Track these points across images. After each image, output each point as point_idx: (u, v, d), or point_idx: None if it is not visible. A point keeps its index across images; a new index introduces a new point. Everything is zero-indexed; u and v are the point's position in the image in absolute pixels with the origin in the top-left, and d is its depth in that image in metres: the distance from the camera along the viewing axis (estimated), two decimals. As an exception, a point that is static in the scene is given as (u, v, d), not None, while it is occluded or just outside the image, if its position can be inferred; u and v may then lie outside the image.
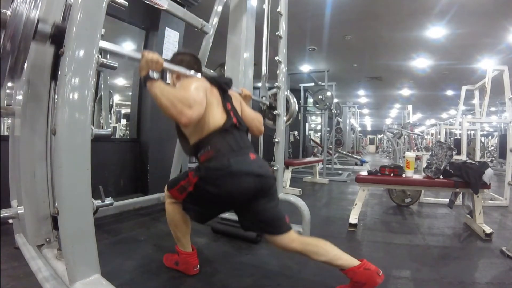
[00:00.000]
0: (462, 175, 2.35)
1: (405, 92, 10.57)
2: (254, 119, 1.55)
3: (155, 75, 1.17)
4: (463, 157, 3.61)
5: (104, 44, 1.04)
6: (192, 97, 1.16)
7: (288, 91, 2.85)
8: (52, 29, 0.95)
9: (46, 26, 0.94)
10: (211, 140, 1.29)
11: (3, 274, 1.44)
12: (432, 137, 11.91)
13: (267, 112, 2.55)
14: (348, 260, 1.33)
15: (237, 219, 1.41)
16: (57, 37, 0.95)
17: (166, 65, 1.23)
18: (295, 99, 2.92)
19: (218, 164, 1.25)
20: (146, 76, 1.16)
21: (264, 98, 2.43)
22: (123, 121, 7.78)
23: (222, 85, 1.40)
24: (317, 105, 5.74)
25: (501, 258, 1.85)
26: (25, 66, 1.07)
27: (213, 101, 1.32)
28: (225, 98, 1.40)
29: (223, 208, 1.47)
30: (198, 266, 1.56)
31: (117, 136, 6.44)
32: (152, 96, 1.15)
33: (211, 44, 2.72)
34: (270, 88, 2.54)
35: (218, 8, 2.68)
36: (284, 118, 2.41)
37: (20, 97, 1.26)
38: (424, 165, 2.77)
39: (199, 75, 1.43)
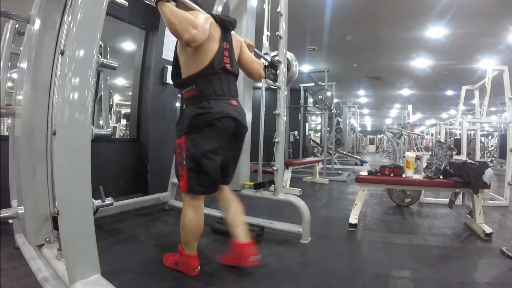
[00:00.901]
0: (462, 175, 2.35)
1: (405, 92, 10.57)
2: (254, 61, 1.61)
3: None
4: (463, 157, 3.60)
5: None
6: (198, 21, 1.25)
7: (292, 55, 2.83)
8: None
9: None
10: (198, 79, 1.36)
11: (3, 274, 1.44)
12: (432, 137, 11.91)
13: (269, 73, 2.53)
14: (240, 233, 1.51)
15: None
16: None
17: None
18: (297, 62, 2.91)
19: (199, 109, 1.35)
20: None
21: (266, 55, 2.40)
22: (123, 121, 7.78)
23: (226, 24, 1.46)
24: (317, 105, 5.74)
25: (501, 258, 1.85)
26: (25, 65, 1.06)
27: (214, 36, 1.39)
28: (226, 37, 1.45)
29: (216, 153, 1.43)
30: (199, 267, 1.56)
31: (117, 136, 6.44)
32: (161, 14, 1.22)
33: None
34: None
35: (218, 8, 2.68)
36: (284, 118, 2.40)
37: (20, 97, 1.26)
38: (424, 165, 2.77)
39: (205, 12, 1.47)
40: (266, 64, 2.42)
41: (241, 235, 1.54)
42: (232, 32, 1.56)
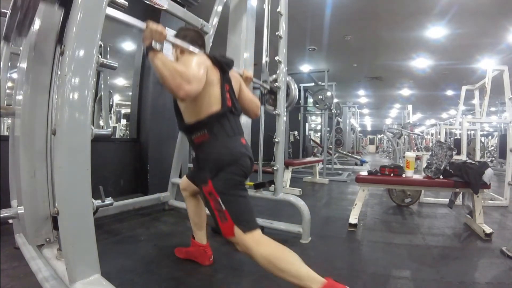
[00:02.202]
0: (462, 175, 2.35)
1: (405, 92, 10.58)
2: (252, 101, 1.58)
3: (157, 46, 1.17)
4: (463, 157, 3.60)
5: (110, 11, 1.02)
6: (192, 72, 1.17)
7: (290, 77, 2.83)
8: None
9: None
10: (208, 124, 1.31)
11: (3, 274, 1.44)
12: (432, 137, 11.91)
13: (268, 97, 2.54)
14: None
15: None
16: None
17: (169, 37, 1.24)
18: (296, 85, 2.90)
19: (217, 149, 1.30)
20: (149, 46, 1.16)
21: (265, 82, 2.42)
22: (123, 121, 7.78)
23: (223, 65, 1.40)
24: (317, 105, 5.74)
25: (501, 258, 1.84)
26: (26, 57, 1.06)
27: (213, 80, 1.33)
28: (225, 78, 1.40)
29: (245, 187, 1.39)
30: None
31: (117, 136, 6.44)
32: (153, 67, 1.16)
33: (211, 44, 2.73)
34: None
35: (218, 8, 2.68)
36: (284, 118, 2.41)
37: (20, 97, 1.26)
38: (424, 165, 2.77)
39: (202, 51, 1.43)
40: (265, 92, 2.44)
41: (204, 237, 1.71)
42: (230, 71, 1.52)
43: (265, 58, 2.44)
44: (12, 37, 0.97)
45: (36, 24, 1.19)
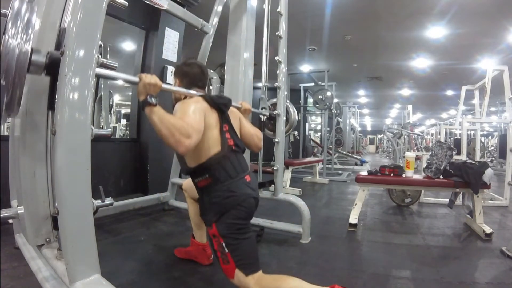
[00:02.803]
0: (462, 175, 2.35)
1: (405, 92, 10.57)
2: (253, 135, 1.55)
3: (153, 100, 1.15)
4: (463, 157, 3.60)
5: (100, 71, 1.02)
6: (190, 125, 1.15)
7: (288, 101, 2.83)
8: (47, 59, 0.93)
9: (40, 56, 0.92)
10: (209, 167, 1.29)
11: (3, 274, 1.44)
12: (432, 137, 11.91)
13: (267, 123, 2.54)
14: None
15: None
16: (52, 67, 0.93)
17: (164, 87, 1.23)
18: (295, 109, 2.92)
19: (222, 193, 1.28)
20: (144, 101, 1.14)
21: (264, 109, 2.42)
22: (123, 121, 7.78)
23: (221, 106, 1.38)
24: (317, 105, 5.75)
25: (501, 258, 1.85)
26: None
27: (211, 123, 1.31)
28: (224, 118, 1.39)
29: (249, 230, 1.38)
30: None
31: (117, 136, 6.44)
32: (150, 122, 1.13)
33: (211, 44, 2.73)
34: (269, 100, 2.53)
35: (218, 8, 2.68)
36: (284, 118, 2.41)
37: (20, 97, 1.26)
38: (424, 165, 2.77)
39: (200, 92, 1.41)
40: (264, 119, 2.44)
41: (204, 236, 1.70)
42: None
43: (263, 83, 2.43)
44: (2, 120, 0.95)
45: (36, 24, 1.19)
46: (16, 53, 0.85)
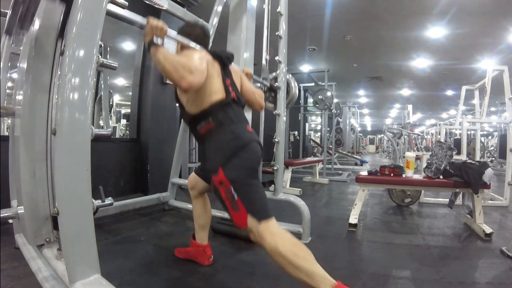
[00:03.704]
0: (462, 175, 2.35)
1: (405, 92, 10.57)
2: (255, 92, 1.59)
3: (159, 41, 1.18)
4: (463, 157, 3.60)
5: (111, 7, 1.01)
6: (194, 64, 1.18)
7: (290, 75, 2.83)
8: None
9: None
10: (212, 112, 1.30)
11: (3, 274, 1.44)
12: (432, 137, 11.91)
13: (268, 95, 2.54)
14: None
15: None
16: None
17: (170, 33, 1.24)
18: (295, 83, 2.90)
19: (226, 136, 1.27)
20: (150, 42, 1.17)
21: (265, 79, 2.41)
22: (123, 121, 7.78)
23: (223, 59, 1.42)
24: (317, 105, 5.74)
25: (501, 258, 1.85)
26: (26, 57, 1.06)
27: (213, 74, 1.34)
28: (226, 72, 1.42)
29: (258, 174, 1.34)
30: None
31: (117, 136, 6.43)
32: (155, 61, 1.16)
33: (211, 44, 2.72)
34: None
35: (218, 8, 2.68)
36: (284, 118, 2.40)
37: (20, 97, 1.26)
38: (424, 165, 2.77)
39: (203, 48, 1.43)
40: (265, 89, 2.43)
41: (206, 238, 1.71)
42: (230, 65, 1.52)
43: (265, 56, 2.43)
44: (14, 31, 0.97)
45: (36, 22, 1.19)
46: None
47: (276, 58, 2.35)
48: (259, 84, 2.38)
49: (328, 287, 1.04)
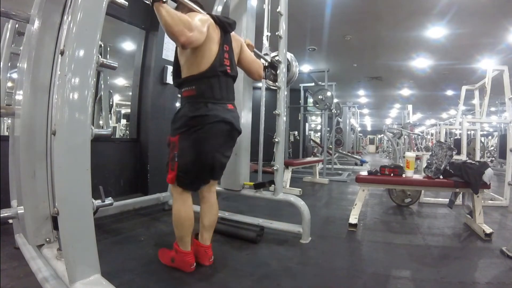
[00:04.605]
0: (462, 175, 2.35)
1: (405, 92, 10.57)
2: (254, 61, 1.64)
3: None
4: (463, 157, 3.60)
5: None
6: (195, 23, 1.24)
7: (291, 55, 2.82)
8: None
9: None
10: (199, 81, 1.38)
11: (3, 274, 1.44)
12: (432, 137, 11.91)
13: (268, 73, 2.54)
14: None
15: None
16: None
17: None
18: (297, 63, 2.90)
19: (196, 111, 1.38)
20: None
21: (266, 55, 2.40)
22: (123, 121, 7.79)
23: (225, 25, 1.46)
24: (317, 105, 5.74)
25: (501, 258, 1.85)
26: (25, 65, 1.06)
27: (213, 37, 1.39)
28: (225, 38, 1.46)
29: (207, 156, 1.50)
30: (195, 264, 1.59)
31: (117, 136, 6.44)
32: (158, 15, 1.19)
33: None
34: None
35: (218, 8, 2.68)
36: (284, 118, 2.40)
37: (20, 97, 1.26)
38: (424, 165, 2.76)
39: (205, 13, 1.46)
40: (266, 64, 2.42)
41: (209, 239, 1.70)
42: (232, 32, 1.57)
43: (266, 33, 2.42)
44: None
45: (36, 24, 1.19)
46: None
47: (276, 58, 2.35)
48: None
49: (182, 248, 1.54)
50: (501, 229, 2.52)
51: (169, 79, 3.42)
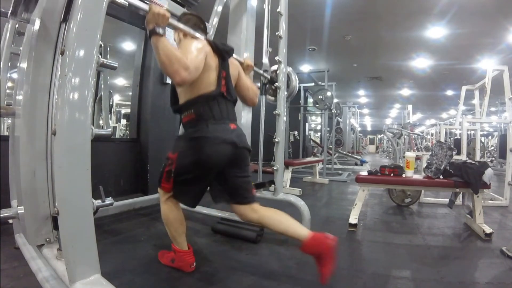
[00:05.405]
0: (462, 175, 2.34)
1: (405, 92, 10.58)
2: (249, 89, 1.61)
3: (160, 30, 1.18)
4: (463, 157, 3.60)
5: None
6: (190, 59, 1.22)
7: (290, 68, 2.83)
8: None
9: None
10: (196, 103, 1.37)
11: (3, 274, 1.44)
12: (432, 137, 11.91)
13: (268, 87, 2.53)
14: (297, 230, 1.46)
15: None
16: None
17: (172, 21, 1.25)
18: (296, 76, 2.91)
19: (196, 133, 1.36)
20: (152, 30, 1.18)
21: (265, 72, 2.40)
22: (123, 121, 7.78)
23: (223, 53, 1.44)
24: (317, 105, 5.74)
25: (501, 258, 1.84)
26: (26, 57, 1.06)
27: (211, 65, 1.38)
28: (223, 65, 1.44)
29: (206, 179, 1.49)
30: (194, 263, 1.58)
31: (117, 136, 6.44)
32: (154, 50, 1.19)
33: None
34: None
35: (218, 8, 2.68)
36: (284, 118, 2.41)
37: (20, 97, 1.26)
38: (424, 165, 2.76)
39: (203, 37, 1.44)
40: (266, 81, 2.44)
41: (300, 231, 1.48)
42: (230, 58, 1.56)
43: (266, 48, 2.42)
44: (19, 12, 0.96)
45: (36, 22, 1.19)
46: None
47: (276, 58, 2.35)
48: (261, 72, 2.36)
49: (179, 248, 1.56)
50: (501, 229, 2.52)
51: (169, 80, 3.42)
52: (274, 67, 2.45)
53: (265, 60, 2.41)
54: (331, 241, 1.37)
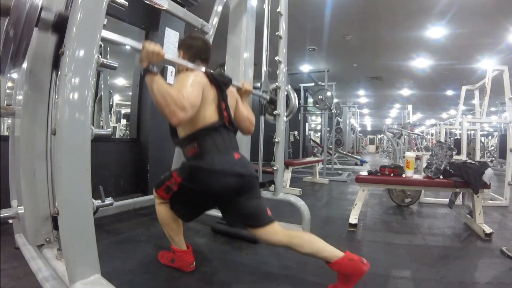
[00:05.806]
0: (462, 175, 2.34)
1: (405, 92, 10.57)
2: (246, 119, 1.60)
3: (155, 69, 1.16)
4: (463, 157, 3.60)
5: (105, 33, 1.02)
6: (186, 98, 1.18)
7: (289, 86, 2.83)
8: (55, 18, 0.97)
9: (49, 14, 0.96)
10: (199, 137, 1.33)
11: (3, 274, 1.44)
12: (432, 137, 11.91)
13: (267, 107, 2.54)
14: (332, 251, 1.32)
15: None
16: (60, 26, 0.96)
17: (167, 57, 1.23)
18: (295, 95, 2.90)
19: (202, 163, 1.32)
20: (146, 69, 1.15)
21: (265, 93, 2.41)
22: (123, 121, 7.79)
23: (221, 85, 1.41)
24: (317, 105, 5.74)
25: (501, 258, 1.84)
26: (26, 57, 1.06)
27: (208, 98, 1.35)
28: (222, 96, 1.42)
29: (207, 205, 1.52)
30: (194, 263, 1.59)
31: (117, 136, 6.44)
32: (149, 90, 1.17)
33: (211, 44, 2.72)
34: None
35: (218, 8, 2.67)
36: (284, 118, 2.40)
37: (20, 97, 1.26)
38: (424, 165, 2.76)
39: (202, 68, 1.42)
40: (265, 102, 2.45)
41: (334, 253, 1.32)
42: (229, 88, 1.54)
43: (265, 68, 2.42)
44: (7, 70, 0.96)
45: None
46: (27, 8, 0.88)
47: (276, 58, 2.35)
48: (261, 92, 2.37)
49: (178, 248, 1.57)
50: (501, 229, 2.52)
51: (170, 79, 3.42)
52: (274, 86, 2.45)
53: (265, 80, 2.41)
54: (365, 267, 1.29)
